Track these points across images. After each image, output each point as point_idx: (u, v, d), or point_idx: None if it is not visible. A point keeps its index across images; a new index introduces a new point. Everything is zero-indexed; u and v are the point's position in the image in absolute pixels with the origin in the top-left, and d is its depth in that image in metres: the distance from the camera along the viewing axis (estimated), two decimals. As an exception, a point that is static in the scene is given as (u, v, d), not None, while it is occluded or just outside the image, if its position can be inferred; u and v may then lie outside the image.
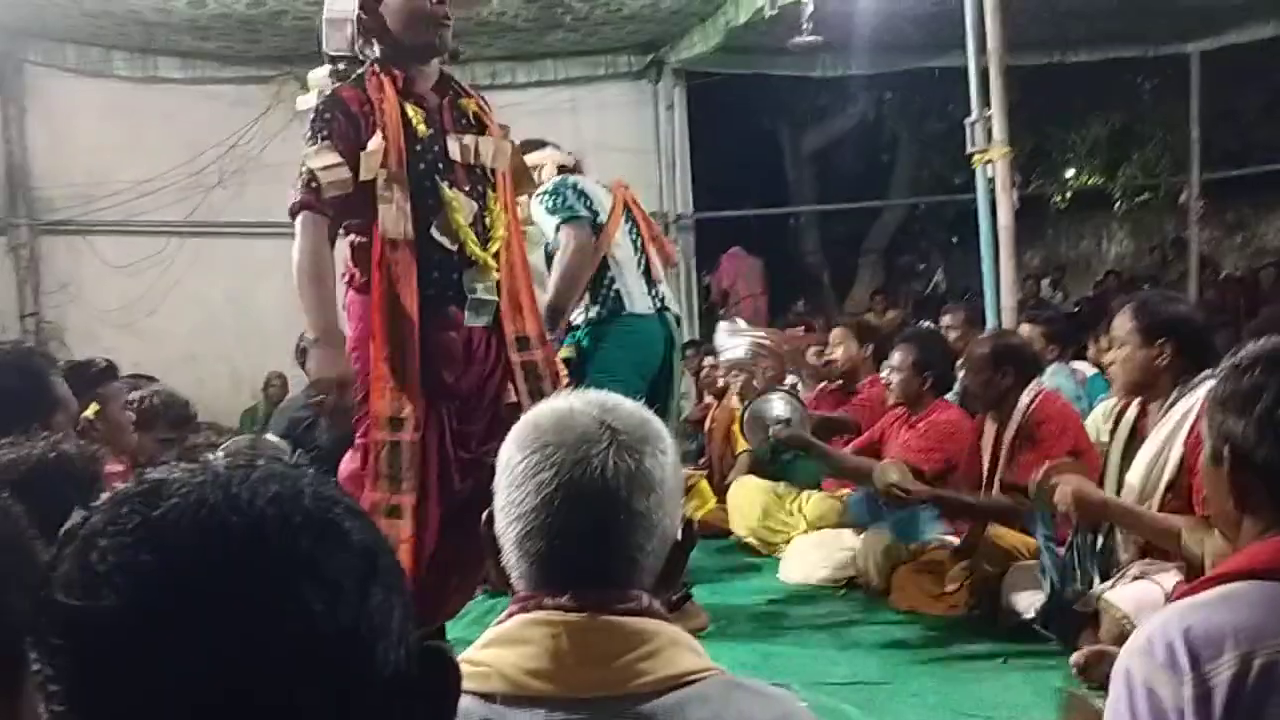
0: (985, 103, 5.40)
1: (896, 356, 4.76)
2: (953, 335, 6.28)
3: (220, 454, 0.79)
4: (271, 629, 0.69)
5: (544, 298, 3.77)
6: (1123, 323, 3.29)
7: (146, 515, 0.71)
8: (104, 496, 0.75)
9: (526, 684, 1.16)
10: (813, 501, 5.25)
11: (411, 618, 0.78)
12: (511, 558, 1.24)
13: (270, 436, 5.68)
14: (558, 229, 4.00)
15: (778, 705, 1.24)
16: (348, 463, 3.14)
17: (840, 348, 5.62)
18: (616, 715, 1.15)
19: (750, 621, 4.29)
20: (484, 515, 1.29)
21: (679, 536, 1.28)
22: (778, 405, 4.88)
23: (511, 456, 1.24)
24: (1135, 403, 3.37)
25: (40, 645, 0.72)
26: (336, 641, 0.71)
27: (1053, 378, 4.98)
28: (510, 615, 1.23)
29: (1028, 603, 3.73)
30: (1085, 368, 5.86)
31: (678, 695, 1.16)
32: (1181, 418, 3.07)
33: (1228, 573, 1.38)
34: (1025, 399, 4.11)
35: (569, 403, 1.27)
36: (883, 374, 4.97)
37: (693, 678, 1.18)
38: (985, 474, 4.25)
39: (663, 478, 1.25)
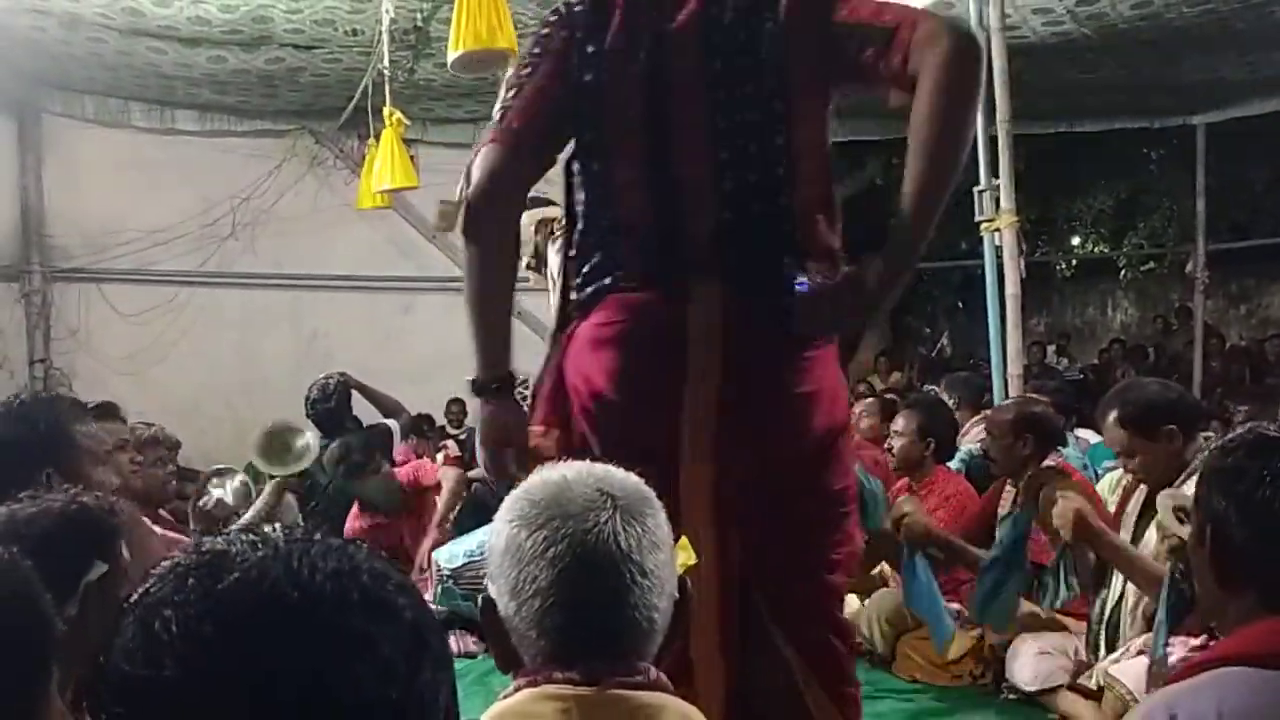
0: (993, 172, 5.45)
1: (900, 422, 4.76)
2: (949, 403, 6.30)
3: (277, 530, 0.80)
4: (326, 704, 0.71)
5: None
6: (1114, 431, 3.26)
7: (210, 588, 0.73)
8: (163, 564, 0.78)
9: None
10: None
11: (456, 695, 0.80)
12: (529, 635, 1.24)
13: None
14: None
15: None
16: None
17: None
18: None
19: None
20: (481, 600, 1.29)
21: (676, 594, 1.30)
22: None
23: (515, 535, 1.24)
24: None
25: (98, 713, 0.73)
26: (386, 718, 0.73)
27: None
28: (517, 689, 1.24)
29: (1032, 674, 3.70)
30: (1088, 435, 5.85)
31: None
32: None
33: (1216, 658, 1.40)
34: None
35: (560, 474, 1.29)
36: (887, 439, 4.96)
37: None
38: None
39: (665, 536, 1.28)
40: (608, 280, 1.95)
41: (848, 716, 1.98)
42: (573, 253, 2.03)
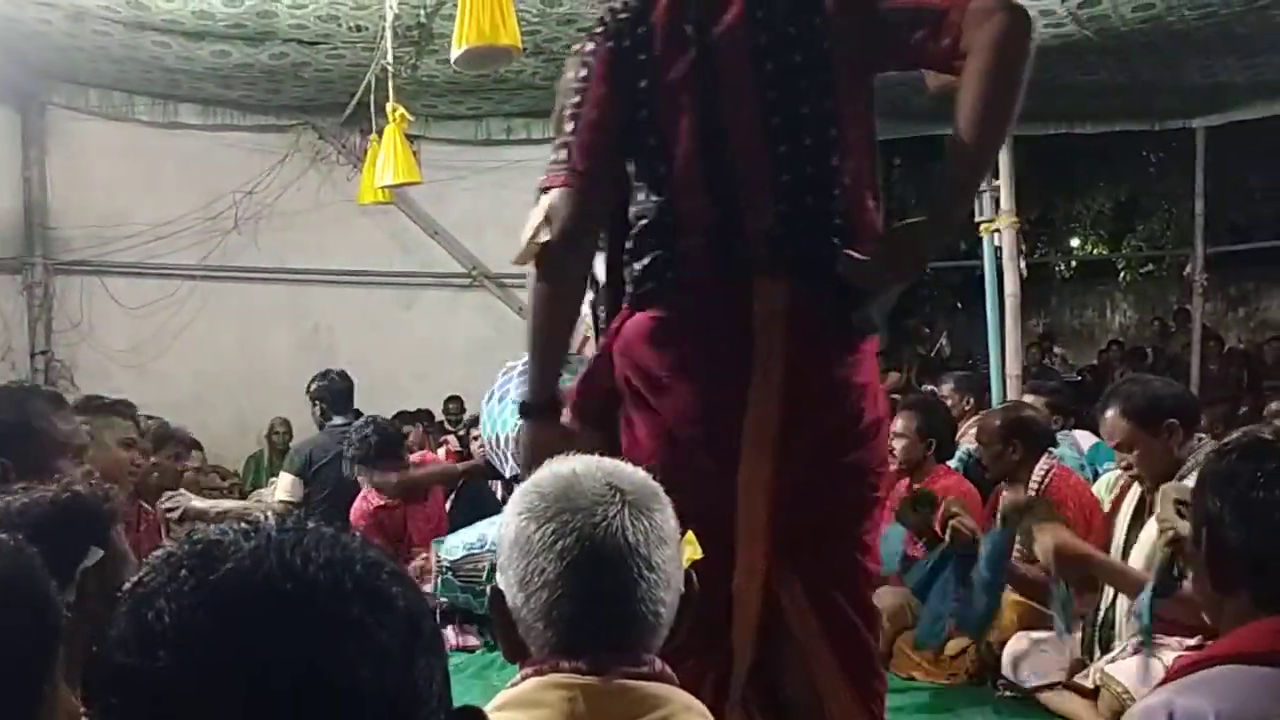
0: (993, 173, 5.47)
1: (900, 422, 4.77)
2: (953, 402, 6.32)
3: (270, 514, 0.80)
4: (321, 693, 0.71)
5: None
6: (1115, 423, 3.28)
7: (204, 578, 0.73)
8: (156, 554, 0.78)
9: None
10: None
11: (449, 681, 0.81)
12: (536, 626, 1.26)
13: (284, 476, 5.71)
14: None
15: None
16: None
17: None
18: None
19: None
20: (489, 591, 1.31)
21: (682, 589, 1.32)
22: None
23: (525, 528, 1.26)
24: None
25: (92, 702, 0.74)
26: (381, 707, 0.73)
27: (1061, 445, 5.00)
28: (524, 678, 1.25)
29: (1028, 671, 3.73)
30: (1086, 437, 5.87)
31: None
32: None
33: (1212, 656, 1.42)
34: (1040, 474, 4.11)
35: (569, 468, 1.30)
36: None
37: None
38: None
39: (671, 532, 1.29)
40: (669, 275, 1.98)
41: (873, 710, 1.98)
42: (628, 249, 2.05)
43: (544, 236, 2.00)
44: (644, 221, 2.02)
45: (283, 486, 5.70)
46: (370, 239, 8.59)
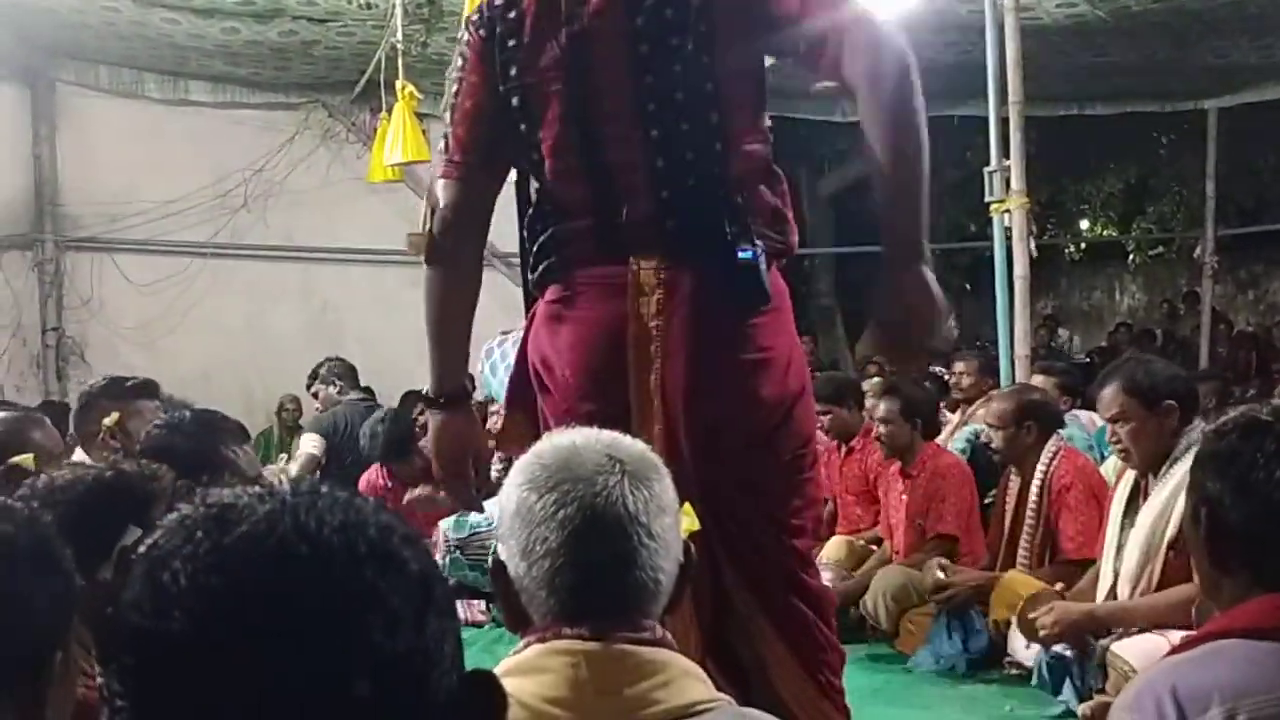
0: (1004, 153, 5.45)
1: (883, 408, 4.77)
2: (965, 382, 6.32)
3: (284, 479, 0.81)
4: (335, 656, 0.71)
5: None
6: (1115, 397, 3.28)
7: (218, 541, 0.73)
8: (170, 517, 0.78)
9: (546, 711, 1.20)
10: (833, 544, 5.23)
11: (461, 644, 0.81)
12: (539, 595, 1.28)
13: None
14: None
15: None
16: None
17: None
18: None
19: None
20: (491, 561, 1.34)
21: (681, 558, 1.34)
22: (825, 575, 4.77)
23: (526, 498, 1.28)
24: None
25: (107, 663, 0.74)
26: (395, 669, 0.73)
27: (1069, 426, 5.00)
28: (527, 645, 1.27)
29: (1033, 651, 3.74)
30: (1093, 417, 5.88)
31: None
32: (1185, 474, 3.09)
33: (1214, 631, 1.42)
34: (1047, 456, 4.11)
35: (569, 439, 1.33)
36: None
37: (702, 707, 1.23)
38: (1008, 529, 4.26)
39: (671, 501, 1.32)
40: (554, 260, 2.00)
41: (825, 683, 1.99)
42: (525, 234, 2.08)
43: (427, 226, 2.00)
44: (533, 206, 2.05)
45: (308, 441, 5.76)
46: (379, 217, 8.57)
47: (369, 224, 8.59)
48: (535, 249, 2.04)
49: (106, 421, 3.45)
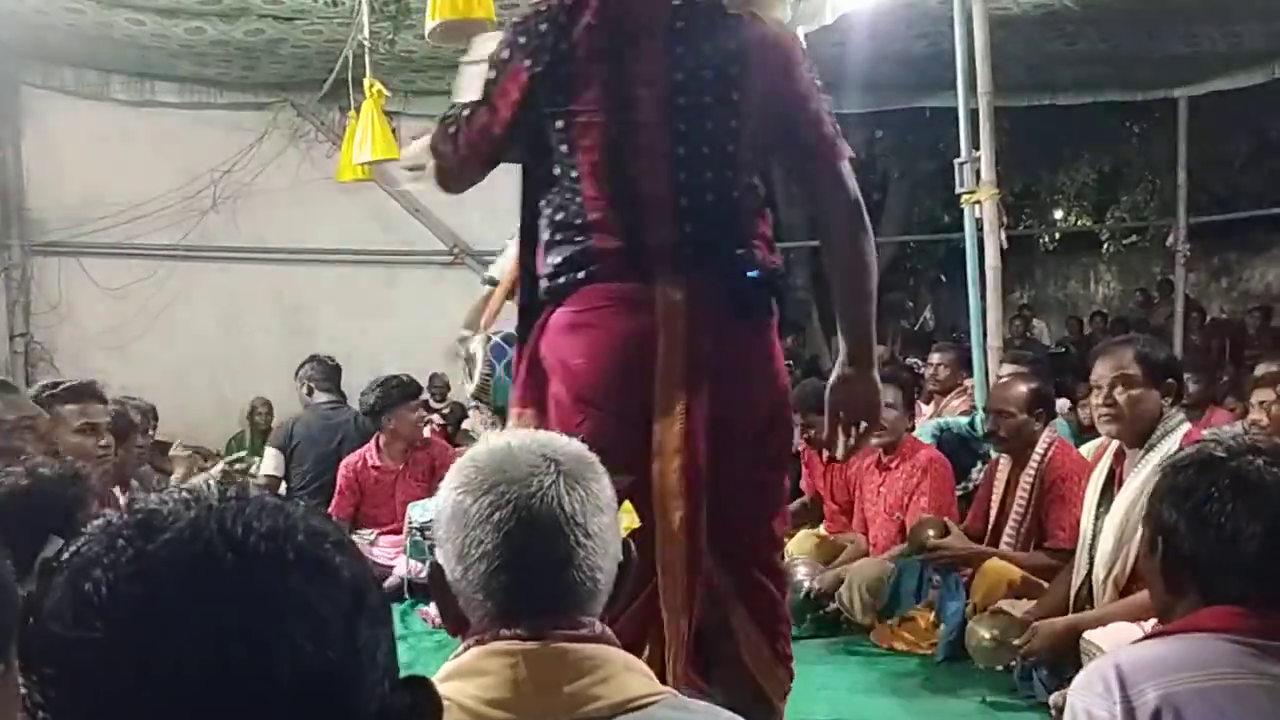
0: (974, 144, 5.45)
1: (890, 394, 4.77)
2: (942, 374, 6.33)
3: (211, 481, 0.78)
4: (260, 667, 0.69)
5: None
6: (1125, 359, 3.28)
7: (141, 549, 0.71)
8: (95, 523, 0.76)
9: (486, 713, 1.20)
10: (798, 539, 5.23)
11: (395, 651, 0.80)
12: (475, 598, 1.27)
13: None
14: None
15: None
16: None
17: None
18: None
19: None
20: (429, 565, 1.34)
21: (621, 556, 1.34)
22: (799, 570, 4.72)
23: (461, 501, 1.28)
24: (1112, 446, 3.40)
25: (29, 672, 0.72)
26: (323, 679, 0.72)
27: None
28: (466, 648, 1.27)
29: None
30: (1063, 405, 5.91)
31: (631, 718, 1.21)
32: (1161, 460, 3.10)
33: (1169, 631, 1.57)
34: (1042, 446, 4.12)
35: (504, 441, 1.32)
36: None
37: (643, 701, 1.23)
38: (995, 512, 4.26)
39: (607, 500, 1.32)
40: (580, 274, 2.17)
41: (779, 651, 2.25)
42: (543, 241, 2.25)
43: (420, 178, 2.34)
44: (559, 218, 2.21)
45: (266, 462, 5.75)
46: (351, 217, 8.53)
47: (340, 224, 8.55)
48: (559, 261, 2.21)
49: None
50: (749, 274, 2.19)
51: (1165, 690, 1.44)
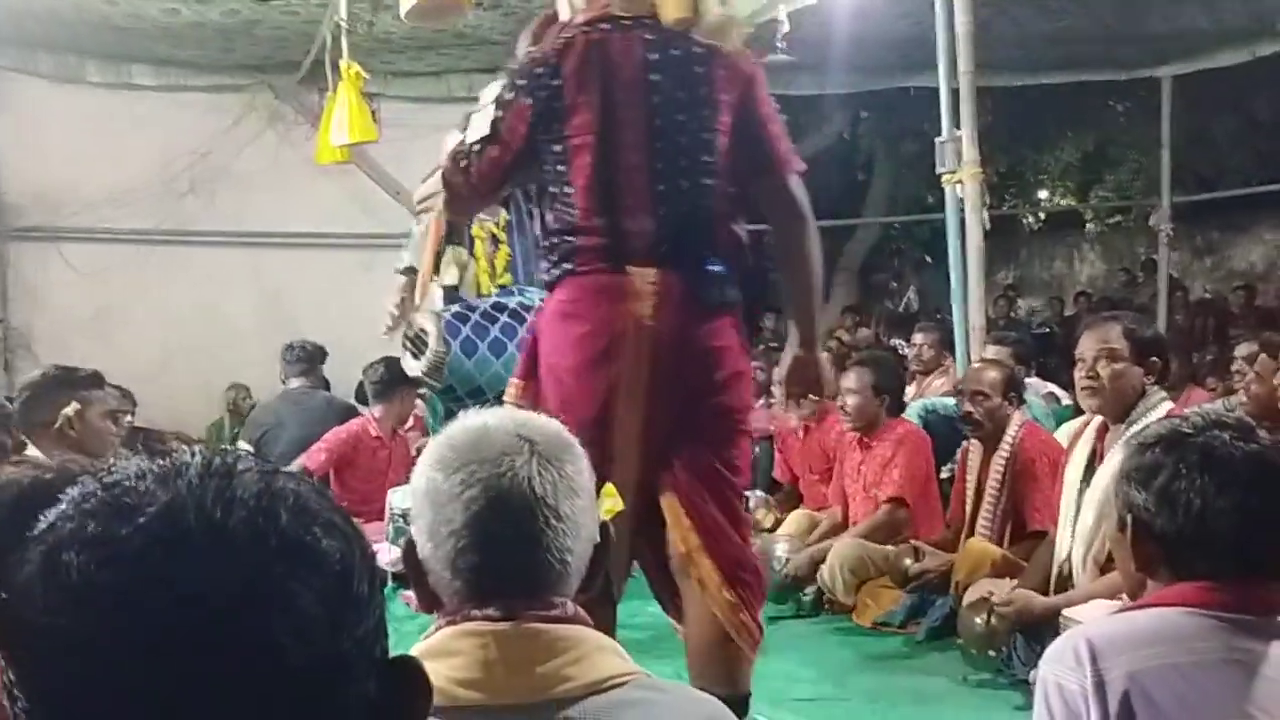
0: (956, 124, 5.43)
1: (853, 379, 4.76)
2: (927, 355, 6.33)
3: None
4: (237, 661, 0.67)
5: None
6: (1112, 334, 3.28)
7: (116, 531, 0.68)
8: (69, 496, 0.72)
9: (457, 694, 1.19)
10: (794, 518, 5.22)
11: (384, 636, 0.76)
12: (444, 576, 1.27)
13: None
14: None
15: (703, 707, 1.27)
16: None
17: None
18: None
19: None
20: (403, 542, 1.33)
21: (598, 538, 1.34)
22: (779, 547, 4.79)
23: (434, 479, 1.27)
24: (1094, 423, 3.40)
25: (4, 650, 0.70)
26: (304, 673, 0.69)
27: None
28: (438, 629, 1.26)
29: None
30: (1044, 385, 5.92)
31: (603, 698, 1.20)
32: (1139, 438, 3.10)
33: (1141, 605, 1.59)
34: (1013, 428, 4.14)
35: (482, 420, 1.32)
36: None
37: (617, 681, 1.22)
38: (972, 499, 4.26)
39: (583, 483, 1.31)
40: (569, 265, 2.54)
41: (742, 596, 2.52)
42: (545, 245, 2.65)
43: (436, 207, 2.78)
44: (556, 226, 2.60)
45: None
46: (331, 200, 8.45)
47: (320, 207, 8.47)
48: (555, 259, 2.59)
49: (66, 411, 3.38)
50: (714, 268, 2.55)
51: (1134, 667, 1.45)
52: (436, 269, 4.31)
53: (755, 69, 2.61)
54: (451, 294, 4.38)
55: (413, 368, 4.12)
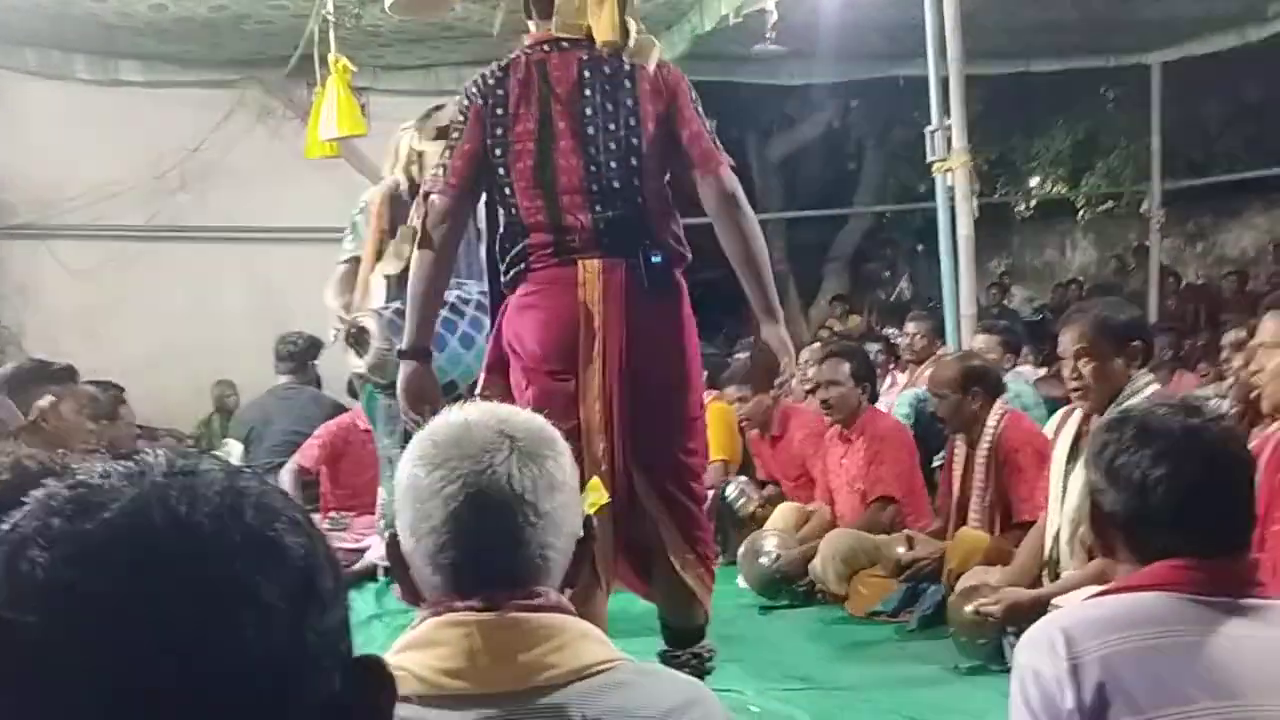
0: (946, 112, 5.43)
1: (833, 370, 4.76)
2: (918, 344, 6.34)
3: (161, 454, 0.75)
4: (203, 656, 0.67)
5: None
6: (1085, 330, 3.27)
7: (80, 530, 0.68)
8: (36, 494, 0.72)
9: (441, 683, 1.20)
10: (781, 511, 5.22)
11: (348, 633, 0.77)
12: (425, 571, 1.28)
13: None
14: None
15: (686, 690, 1.29)
16: None
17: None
18: (528, 708, 1.20)
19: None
20: (387, 536, 1.35)
21: (580, 533, 1.35)
22: (769, 542, 4.79)
23: (415, 474, 1.28)
24: (1078, 410, 3.40)
25: None
26: (269, 667, 0.69)
27: (1013, 383, 5.01)
28: (422, 620, 1.27)
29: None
30: (1033, 372, 5.93)
31: (586, 684, 1.21)
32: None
33: (1116, 589, 1.61)
34: (994, 420, 4.13)
35: (463, 416, 1.32)
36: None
37: (600, 668, 1.23)
38: (957, 496, 4.26)
39: (564, 478, 1.31)
40: (522, 265, 2.83)
41: (700, 553, 2.86)
42: (499, 249, 2.90)
43: (422, 222, 2.92)
44: (504, 230, 2.88)
45: (234, 456, 5.73)
46: (322, 194, 8.40)
47: (312, 201, 8.43)
48: (510, 258, 2.85)
49: (40, 404, 3.38)
50: (653, 258, 2.80)
51: (1106, 652, 1.47)
52: (379, 257, 4.33)
53: (680, 81, 2.90)
54: (394, 284, 4.34)
55: (356, 365, 4.15)
